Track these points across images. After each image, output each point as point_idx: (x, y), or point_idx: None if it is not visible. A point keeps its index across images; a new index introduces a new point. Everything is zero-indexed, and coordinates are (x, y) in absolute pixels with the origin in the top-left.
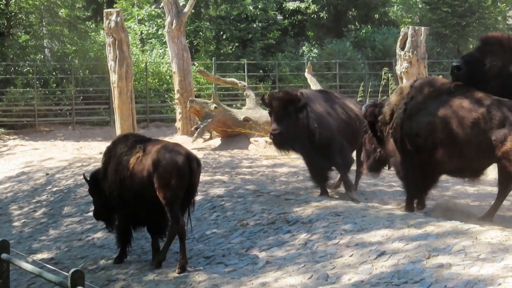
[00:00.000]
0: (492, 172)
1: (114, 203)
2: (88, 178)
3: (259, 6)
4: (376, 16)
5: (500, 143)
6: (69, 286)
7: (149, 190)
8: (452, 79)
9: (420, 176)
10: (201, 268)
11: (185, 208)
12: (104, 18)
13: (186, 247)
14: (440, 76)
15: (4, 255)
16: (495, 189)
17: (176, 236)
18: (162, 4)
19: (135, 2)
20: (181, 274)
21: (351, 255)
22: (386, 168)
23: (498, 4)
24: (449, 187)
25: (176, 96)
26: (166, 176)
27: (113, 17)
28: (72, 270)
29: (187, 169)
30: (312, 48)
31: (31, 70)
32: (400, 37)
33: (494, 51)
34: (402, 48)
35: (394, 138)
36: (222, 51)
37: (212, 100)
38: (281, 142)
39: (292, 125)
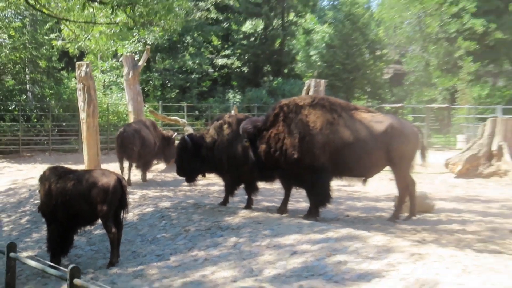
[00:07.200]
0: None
1: (45, 218)
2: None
3: (196, 62)
4: (286, 70)
5: None
6: (68, 278)
7: (84, 209)
8: None
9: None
10: (154, 264)
11: (119, 220)
12: (76, 69)
13: (141, 247)
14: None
15: (12, 254)
16: (378, 204)
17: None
18: (121, 59)
19: (100, 56)
20: (138, 268)
21: (270, 254)
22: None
23: (377, 63)
24: (342, 202)
25: None
26: (102, 194)
27: (83, 68)
28: (71, 266)
29: (118, 187)
30: (236, 95)
31: (16, 109)
32: (305, 87)
33: None
34: None
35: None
36: (167, 96)
37: None
38: None
39: None
